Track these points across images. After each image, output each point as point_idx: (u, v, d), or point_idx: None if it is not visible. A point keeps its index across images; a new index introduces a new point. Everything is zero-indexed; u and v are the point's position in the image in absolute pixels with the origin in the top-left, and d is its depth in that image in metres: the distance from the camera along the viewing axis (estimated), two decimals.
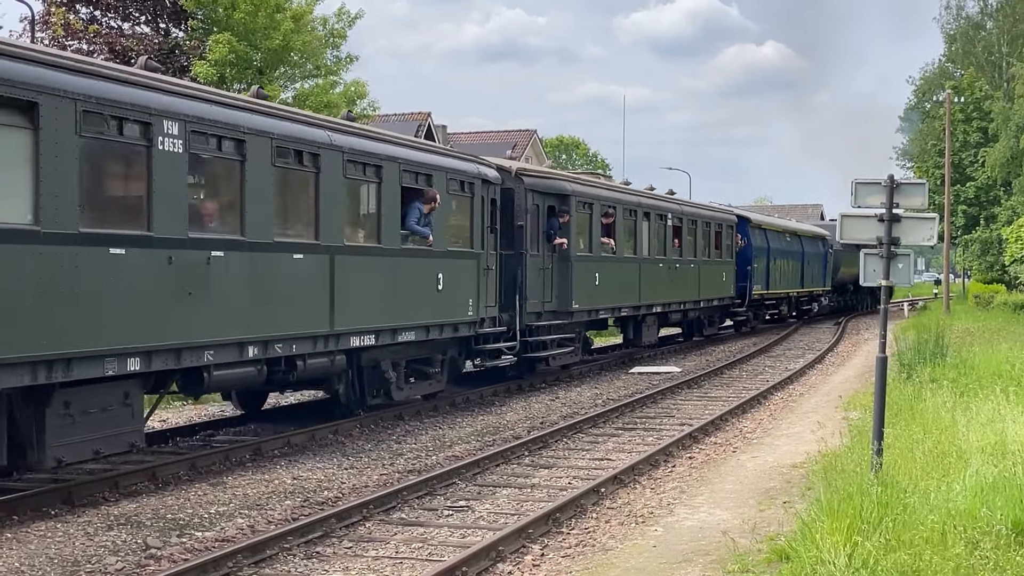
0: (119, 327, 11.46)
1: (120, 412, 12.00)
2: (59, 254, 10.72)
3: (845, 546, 7.99)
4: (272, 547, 9.96)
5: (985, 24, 66.18)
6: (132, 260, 11.62)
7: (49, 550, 10.05)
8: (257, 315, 13.59)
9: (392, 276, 16.58)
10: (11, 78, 10.17)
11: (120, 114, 11.44)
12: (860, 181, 11.68)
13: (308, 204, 14.79)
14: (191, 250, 12.47)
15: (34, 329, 10.44)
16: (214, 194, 13.62)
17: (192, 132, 12.41)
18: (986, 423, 12.95)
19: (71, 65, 11.29)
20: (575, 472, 14.01)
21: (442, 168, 18.11)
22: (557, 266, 22.54)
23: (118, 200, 12.26)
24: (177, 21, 31.54)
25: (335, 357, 15.57)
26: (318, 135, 14.90)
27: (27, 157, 10.46)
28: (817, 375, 26.38)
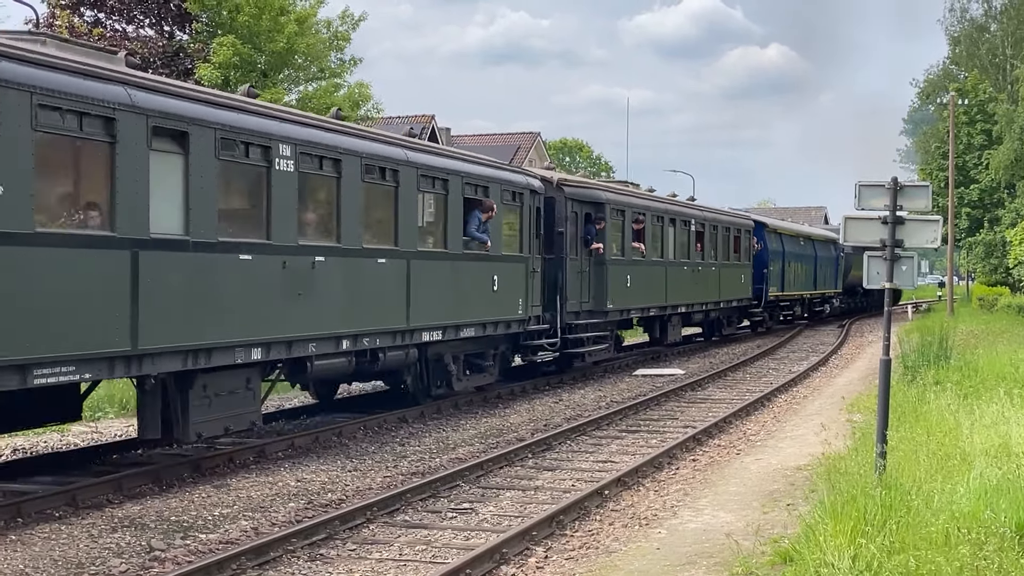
0: (246, 322, 13.40)
1: (244, 395, 13.92)
2: (203, 260, 12.67)
3: (849, 548, 7.99)
4: (276, 549, 9.97)
5: (989, 26, 66.17)
6: (256, 264, 13.62)
7: (53, 552, 10.06)
8: (349, 313, 15.54)
9: (455, 278, 18.44)
10: (170, 112, 12.22)
11: (248, 140, 13.44)
12: (864, 183, 11.68)
13: (389, 214, 16.70)
14: (300, 256, 14.41)
15: (184, 323, 12.40)
16: (316, 207, 15.29)
17: (300, 154, 14.36)
18: (990, 425, 12.94)
19: (211, 99, 13.30)
20: (579, 474, 14.01)
21: (497, 180, 20.02)
22: (593, 269, 24.19)
23: (245, 213, 14.10)
24: (181, 24, 31.59)
25: (409, 350, 17.43)
26: (397, 153, 16.82)
27: (179, 178, 12.43)
28: (821, 377, 26.36)
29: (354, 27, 32.61)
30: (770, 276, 39.45)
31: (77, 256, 11.12)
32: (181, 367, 12.50)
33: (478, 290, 19.13)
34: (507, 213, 20.43)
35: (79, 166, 11.76)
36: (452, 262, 18.35)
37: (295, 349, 14.43)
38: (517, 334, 21.13)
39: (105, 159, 11.49)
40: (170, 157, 12.32)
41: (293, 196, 14.24)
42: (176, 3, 30.62)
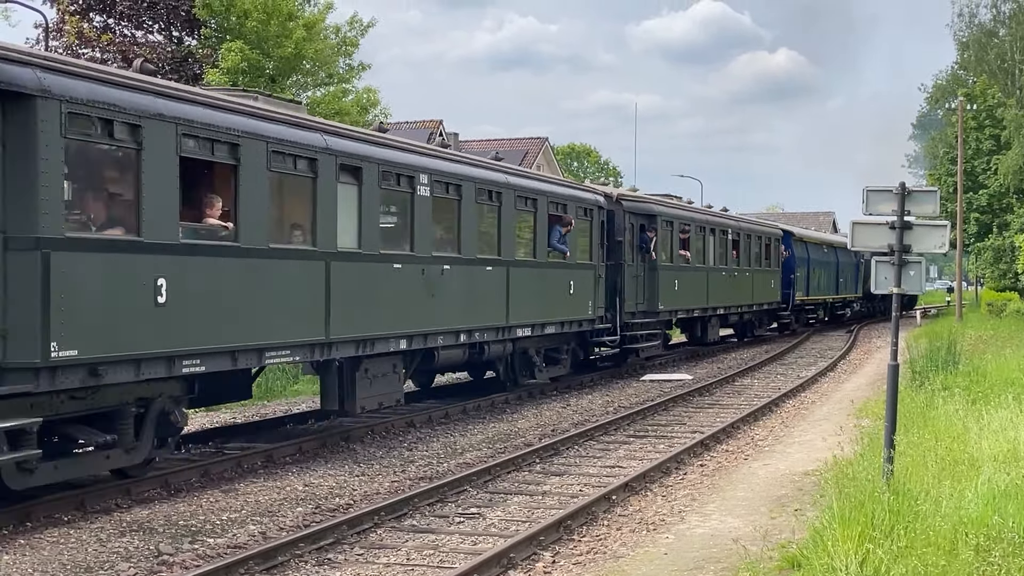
0: (397, 318, 16.43)
1: (392, 378, 17.02)
2: (369, 268, 15.79)
3: (856, 554, 7.98)
4: (284, 553, 9.99)
5: (998, 31, 66.01)
6: (403, 272, 16.70)
7: (62, 556, 10.09)
8: (465, 312, 18.53)
9: (541, 282, 21.49)
10: (350, 152, 15.38)
11: (399, 172, 16.64)
12: (872, 188, 11.68)
13: (494, 229, 19.83)
14: (433, 265, 17.51)
15: (357, 318, 15.43)
16: (444, 224, 18.22)
17: (434, 181, 17.52)
18: (998, 431, 12.91)
19: (375, 140, 16.58)
20: (586, 479, 14.01)
21: (574, 198, 23.28)
22: (647, 274, 27.29)
23: (396, 230, 17.06)
24: (190, 29, 31.65)
25: (506, 344, 20.59)
26: (500, 178, 20.06)
27: (355, 204, 15.47)
28: (829, 383, 26.33)
29: (362, 33, 32.64)
30: (797, 281, 42.07)
31: (293, 265, 14.20)
32: (354, 353, 15.60)
33: (558, 293, 22.32)
34: (580, 226, 23.54)
35: (294, 196, 14.78)
36: (540, 269, 21.55)
37: (429, 341, 17.63)
38: (586, 332, 24.18)
39: (309, 190, 14.63)
40: (349, 188, 15.42)
41: (429, 216, 17.44)
42: (185, 9, 30.68)
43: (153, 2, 30.67)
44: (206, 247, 12.74)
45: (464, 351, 19.13)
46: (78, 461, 11.95)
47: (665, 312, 28.43)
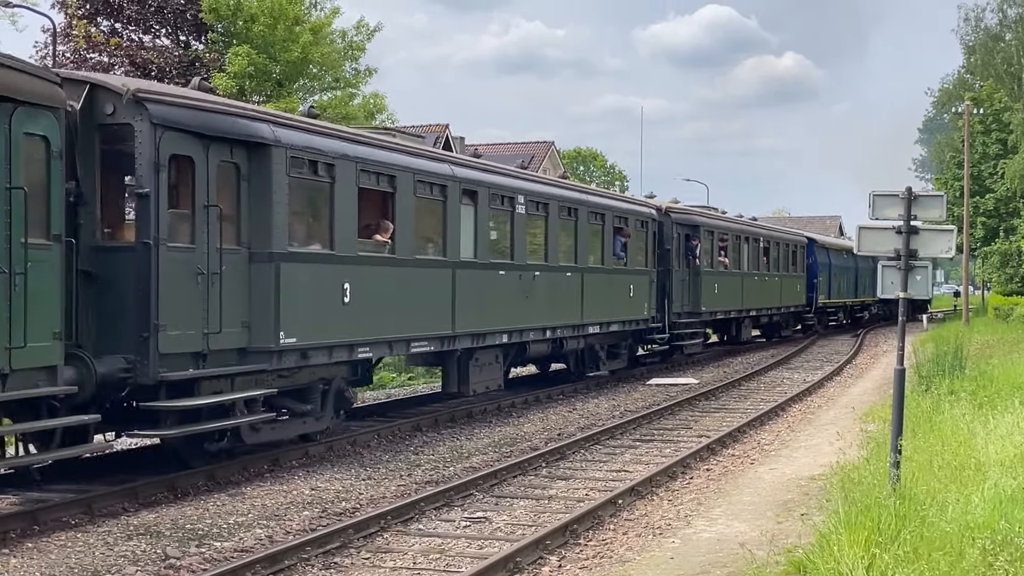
0: (500, 316, 19.73)
1: (495, 366, 20.34)
2: (482, 275, 19.17)
3: (863, 558, 7.98)
4: (290, 557, 10.00)
5: (1004, 36, 65.93)
6: (506, 278, 20.01)
7: (69, 560, 10.11)
8: (550, 311, 21.84)
9: (608, 286, 24.74)
10: (470, 179, 18.81)
11: (504, 194, 20.09)
12: (878, 193, 11.67)
13: (571, 240, 23.12)
14: (527, 272, 20.82)
15: (473, 316, 18.73)
16: (535, 236, 21.61)
17: (528, 201, 20.91)
18: (1005, 435, 12.89)
19: (486, 167, 20.29)
20: (592, 483, 14.02)
21: (633, 212, 26.72)
22: (691, 279, 30.43)
23: (501, 242, 20.27)
24: (197, 34, 31.76)
25: (579, 340, 23.95)
26: (577, 196, 23.71)
27: (472, 222, 18.85)
28: (835, 387, 26.30)
29: (369, 37, 32.75)
30: (819, 285, 45.32)
31: (430, 273, 17.55)
32: (469, 345, 18.90)
33: (621, 296, 25.58)
34: (637, 236, 26.79)
35: (430, 216, 17.86)
36: (607, 275, 24.81)
37: (524, 336, 20.84)
38: (642, 330, 27.40)
39: (440, 211, 17.94)
40: (468, 208, 18.71)
41: (524, 230, 20.78)
42: (192, 13, 30.77)
43: (160, 6, 30.76)
44: (376, 259, 16.16)
45: (548, 345, 22.60)
46: (283, 425, 14.87)
47: (707, 313, 31.46)
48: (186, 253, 12.87)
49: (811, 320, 45.24)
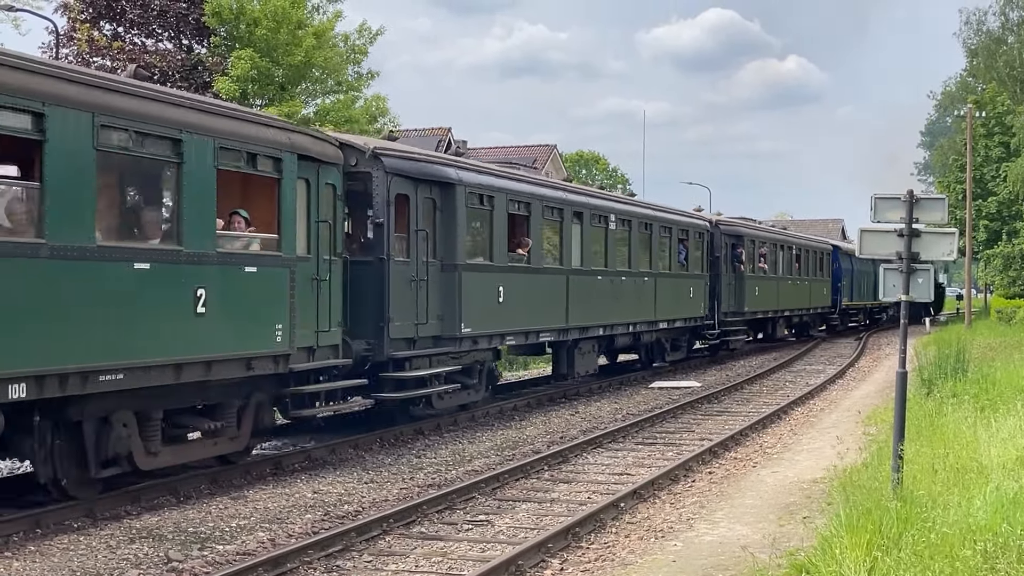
0: (598, 313, 24.22)
1: (592, 355, 25.00)
2: (587, 280, 23.75)
3: (865, 561, 7.99)
4: (293, 561, 10.01)
5: (1007, 39, 65.98)
6: (602, 282, 24.59)
7: (72, 563, 10.12)
8: (632, 309, 26.31)
9: (675, 288, 29.45)
10: (579, 203, 23.67)
11: (601, 213, 24.77)
12: (880, 196, 11.68)
13: (647, 249, 27.74)
14: (616, 276, 25.39)
15: (579, 313, 23.03)
16: (621, 247, 26.16)
17: (617, 219, 25.73)
18: (1007, 438, 12.90)
19: (589, 193, 26.13)
20: (595, 487, 14.02)
21: (692, 225, 31.56)
22: (736, 282, 34.47)
23: (598, 253, 24.72)
24: (200, 38, 31.76)
25: (652, 334, 28.72)
26: (652, 213, 28.59)
27: (579, 237, 23.49)
28: (838, 390, 26.30)
29: (371, 41, 32.73)
30: (843, 289, 48.95)
31: (551, 278, 22.06)
32: (576, 337, 23.33)
33: (683, 296, 30.17)
34: (694, 245, 31.35)
35: (551, 233, 22.61)
36: (673, 279, 29.39)
37: (613, 330, 25.38)
38: (699, 326, 31.80)
39: (558, 229, 22.74)
40: (576, 226, 23.47)
41: (614, 242, 25.46)
42: (195, 17, 30.79)
43: (163, 10, 30.78)
44: (518, 268, 20.66)
45: (630, 338, 27.37)
46: (456, 394, 19.01)
47: (749, 313, 35.47)
48: (404, 265, 17.24)
49: (835, 320, 49.24)
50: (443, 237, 18.18)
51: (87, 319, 11.00)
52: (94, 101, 11.24)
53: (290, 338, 14.08)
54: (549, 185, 23.39)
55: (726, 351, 35.47)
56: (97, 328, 11.12)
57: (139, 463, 12.35)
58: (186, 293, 12.35)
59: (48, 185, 10.61)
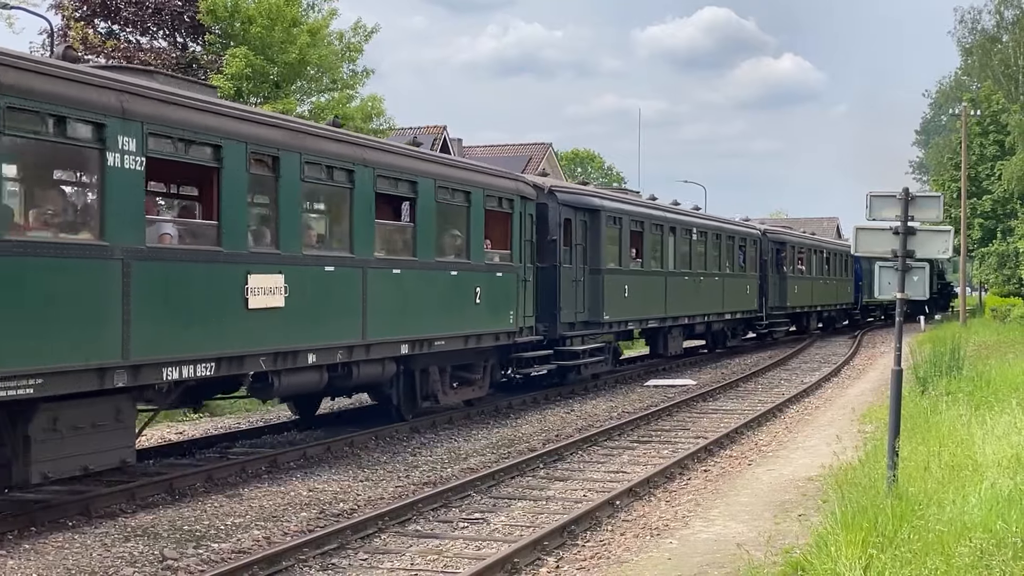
0: (684, 306, 30.25)
1: (679, 339, 31.02)
2: (680, 279, 30.03)
3: (860, 559, 7.99)
4: (288, 558, 10.01)
5: (1001, 37, 66.02)
6: (688, 280, 30.38)
7: (67, 561, 10.11)
8: (707, 302, 32.57)
9: (736, 286, 35.84)
10: (674, 220, 30.48)
11: (688, 227, 31.29)
12: (875, 194, 11.69)
13: (717, 254, 34.06)
14: (696, 276, 31.54)
15: (672, 305, 29.41)
16: (700, 252, 32.37)
17: (697, 231, 32.18)
18: (1002, 436, 12.90)
19: (680, 212, 31.97)
20: (590, 485, 14.02)
21: (748, 234, 38.02)
22: (780, 282, 40.61)
23: (686, 257, 30.93)
24: (194, 35, 31.69)
25: (720, 324, 35.25)
26: (721, 225, 35.29)
27: (673, 246, 29.85)
28: (833, 388, 26.33)
29: (366, 39, 32.66)
30: (864, 287, 52.85)
31: (656, 278, 28.46)
32: (670, 324, 29.69)
33: (742, 293, 36.44)
34: (749, 250, 37.86)
35: (656, 244, 29.05)
36: (735, 278, 35.79)
37: (693, 319, 31.60)
38: (750, 318, 38.44)
39: (660, 240, 29.12)
40: (671, 237, 29.84)
41: (695, 248, 31.99)
42: (189, 15, 30.73)
43: (158, 8, 30.72)
44: (637, 271, 27.27)
45: (704, 327, 33.68)
46: (594, 365, 24.84)
47: (790, 308, 41.85)
48: (570, 270, 23.39)
49: (857, 316, 55.43)
50: (592, 249, 24.57)
51: (429, 307, 17.60)
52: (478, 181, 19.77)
53: (517, 320, 20.57)
54: (654, 207, 30.27)
55: (771, 340, 41.87)
56: (433, 312, 17.67)
57: (441, 400, 18.90)
58: (471, 290, 18.92)
59: (418, 225, 17.57)
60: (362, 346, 15.78)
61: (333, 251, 15.66)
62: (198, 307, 12.64)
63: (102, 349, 11.19)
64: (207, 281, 12.84)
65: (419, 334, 17.18)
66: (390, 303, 16.42)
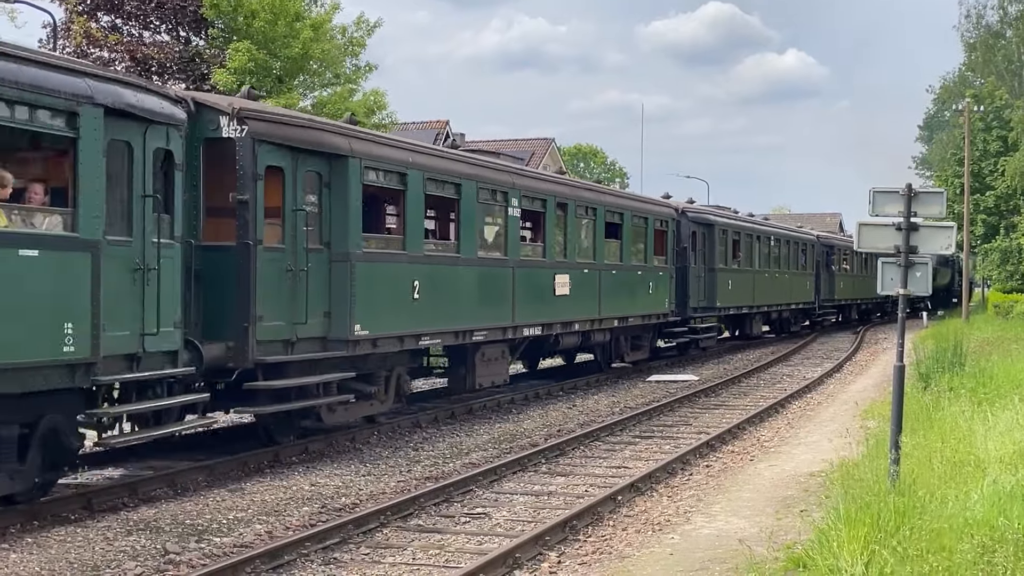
0: (767, 297, 38.49)
1: (760, 324, 40.11)
2: (762, 275, 37.88)
3: (862, 555, 7.98)
4: (290, 553, 10.01)
5: (1005, 33, 65.98)
6: (767, 276, 38.40)
7: (69, 555, 10.12)
8: (778, 295, 39.93)
9: (799, 281, 43.01)
10: (757, 230, 38.32)
11: (770, 236, 39.72)
12: (878, 190, 11.68)
13: (788, 253, 41.25)
14: (772, 272, 39.26)
15: (759, 296, 37.45)
16: (776, 255, 39.98)
17: (774, 238, 40.10)
18: (1004, 432, 12.88)
19: (757, 222, 39.65)
20: (592, 480, 14.03)
21: (809, 240, 45.52)
22: (829, 278, 47.96)
23: (766, 257, 39.09)
24: (197, 30, 31.72)
25: (787, 312, 42.35)
26: (789, 233, 43.29)
27: (758, 250, 37.73)
28: (835, 384, 26.32)
29: (369, 33, 32.69)
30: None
31: (744, 275, 35.57)
32: (755, 311, 37.50)
33: (803, 287, 43.99)
34: (808, 253, 44.87)
35: (751, 249, 37.13)
36: (798, 275, 42.93)
37: (771, 308, 39.20)
38: (809, 308, 45.75)
39: (751, 247, 36.81)
40: (756, 242, 36.93)
41: (773, 251, 39.19)
42: (192, 9, 30.74)
43: (161, 2, 30.75)
44: (737, 269, 33.51)
45: (778, 314, 41.36)
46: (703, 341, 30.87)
47: (837, 300, 49.76)
48: (694, 269, 30.85)
49: (888, 308, 58.97)
50: (708, 255, 31.99)
51: (627, 295, 26.09)
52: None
53: (668, 304, 28.47)
54: (752, 222, 38.54)
55: (821, 328, 48.48)
56: (629, 298, 26.23)
57: (625, 359, 27.73)
58: (647, 284, 27.49)
59: (623, 240, 26.42)
60: (597, 319, 24.45)
61: (586, 260, 24.02)
62: (536, 294, 21.41)
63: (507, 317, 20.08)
64: (540, 279, 21.73)
65: (623, 313, 25.76)
66: (610, 292, 24.85)
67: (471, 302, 18.80)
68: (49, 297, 10.47)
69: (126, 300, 11.49)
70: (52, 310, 10.49)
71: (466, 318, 18.52)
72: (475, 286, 18.94)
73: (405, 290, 16.59)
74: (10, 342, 10.05)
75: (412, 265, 16.83)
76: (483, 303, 19.24)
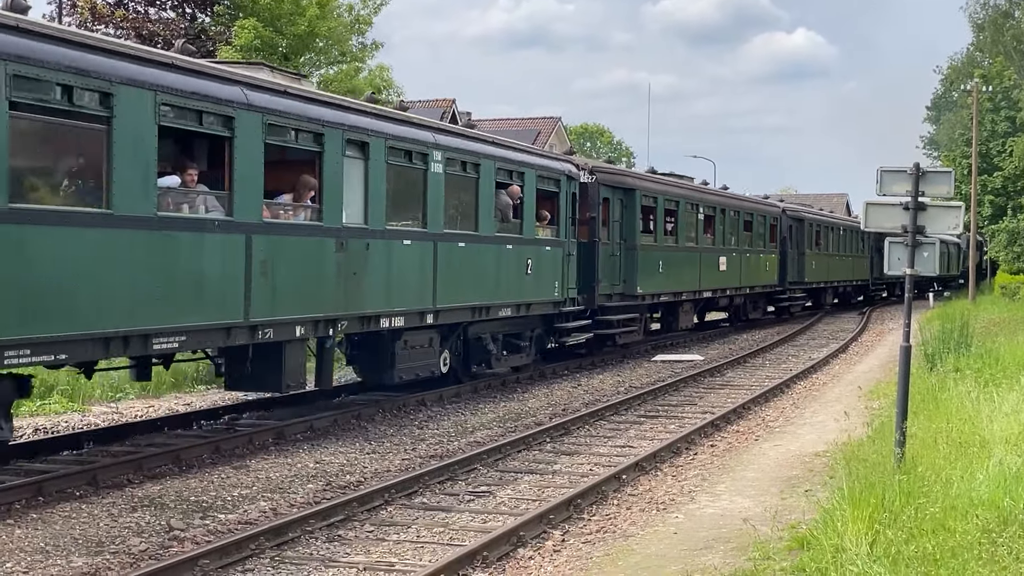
0: (831, 273, 48.25)
1: (830, 297, 49.50)
2: (827, 258, 46.79)
3: (866, 535, 7.98)
4: (294, 530, 10.02)
5: (1013, 13, 65.67)
6: (840, 260, 49.47)
7: (74, 531, 10.14)
8: (840, 272, 49.94)
9: (857, 262, 52.24)
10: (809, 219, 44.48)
11: (832, 225, 49.59)
12: (886, 169, 11.62)
13: (848, 238, 50.57)
14: (835, 257, 48.25)
15: (820, 273, 45.57)
16: (839, 243, 49.50)
17: (839, 226, 49.97)
18: (1010, 413, 12.87)
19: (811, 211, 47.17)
20: (597, 459, 14.03)
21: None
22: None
23: (836, 242, 49.32)
24: (203, 6, 31.60)
25: (849, 288, 53.34)
26: (846, 223, 51.60)
27: (827, 238, 47.76)
28: (841, 364, 26.30)
29: (376, 11, 32.55)
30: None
31: (834, 258, 48.48)
32: (823, 286, 46.69)
33: (863, 267, 52.69)
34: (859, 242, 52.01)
35: (826, 237, 47.20)
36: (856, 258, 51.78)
37: (832, 284, 47.97)
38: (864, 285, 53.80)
39: (828, 235, 47.44)
40: (828, 232, 47.00)
41: (841, 238, 49.37)
42: None
43: None
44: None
45: (843, 289, 50.10)
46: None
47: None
48: (789, 253, 39.09)
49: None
50: (798, 245, 40.63)
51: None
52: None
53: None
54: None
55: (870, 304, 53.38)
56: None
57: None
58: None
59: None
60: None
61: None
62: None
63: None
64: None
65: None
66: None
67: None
68: (552, 269, 21.38)
69: (564, 271, 21.95)
70: (552, 275, 21.39)
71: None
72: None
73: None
74: (541, 288, 20.93)
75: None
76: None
